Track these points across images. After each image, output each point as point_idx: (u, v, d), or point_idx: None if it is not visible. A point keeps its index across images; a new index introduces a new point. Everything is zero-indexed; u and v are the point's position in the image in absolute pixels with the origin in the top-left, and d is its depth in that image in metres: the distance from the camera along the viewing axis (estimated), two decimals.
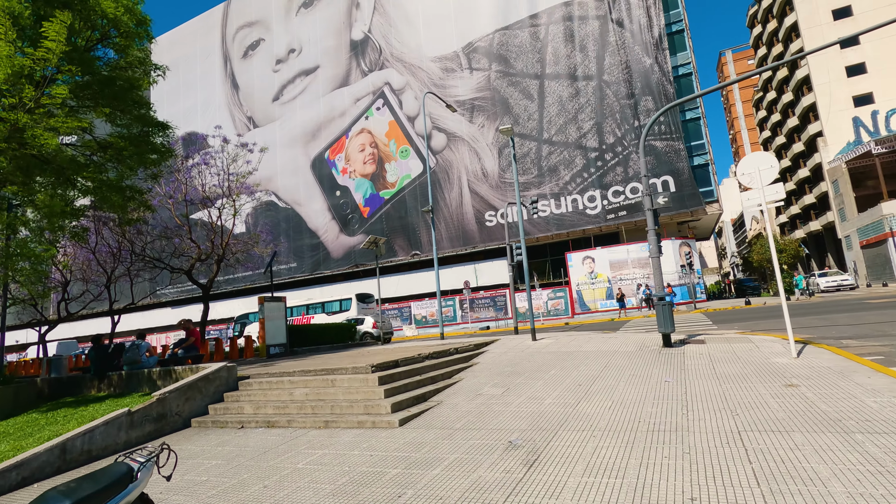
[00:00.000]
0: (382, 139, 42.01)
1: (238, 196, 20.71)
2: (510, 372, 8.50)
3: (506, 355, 10.23)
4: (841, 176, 39.11)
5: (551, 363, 8.91)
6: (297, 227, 44.47)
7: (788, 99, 50.06)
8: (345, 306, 33.44)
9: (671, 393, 5.95)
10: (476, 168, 38.17)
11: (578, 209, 34.76)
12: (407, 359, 8.54)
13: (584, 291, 33.56)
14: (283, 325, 16.18)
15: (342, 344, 18.98)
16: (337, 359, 10.19)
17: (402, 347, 12.81)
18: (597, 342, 10.84)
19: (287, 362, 10.75)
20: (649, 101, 33.52)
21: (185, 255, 22.49)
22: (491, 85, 38.42)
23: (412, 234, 39.73)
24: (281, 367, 9.31)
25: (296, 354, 16.01)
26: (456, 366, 9.25)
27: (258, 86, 49.14)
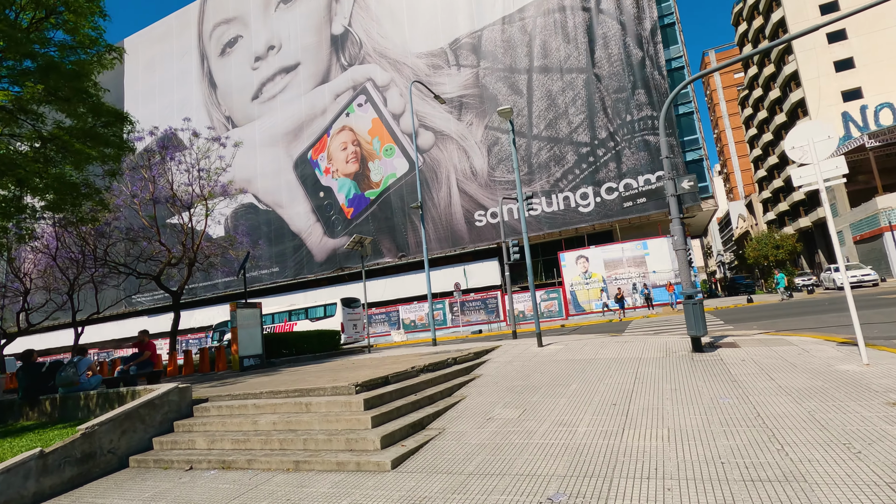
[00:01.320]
0: (365, 137, 40.51)
1: (210, 195, 19.07)
2: (522, 387, 7.14)
3: (512, 365, 8.88)
4: None
5: (569, 375, 7.58)
6: (278, 231, 42.69)
7: (776, 95, 49.79)
8: (329, 312, 31.88)
9: (740, 416, 4.65)
10: (465, 166, 36.89)
11: (571, 207, 33.69)
12: (398, 374, 7.12)
13: (579, 292, 32.42)
14: (258, 333, 14.62)
15: (326, 353, 17.46)
16: (315, 374, 8.73)
17: (391, 358, 11.40)
18: (613, 347, 9.55)
19: (257, 378, 9.26)
20: (642, 94, 32.61)
21: (154, 259, 20.75)
22: (479, 81, 37.23)
23: (399, 236, 38.27)
24: (247, 385, 7.83)
25: (273, 366, 14.46)
26: (456, 379, 7.86)
27: (236, 84, 47.30)
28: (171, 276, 22.52)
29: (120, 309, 49.08)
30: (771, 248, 31.88)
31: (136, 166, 18.18)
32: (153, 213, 19.20)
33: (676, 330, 14.37)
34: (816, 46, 42.36)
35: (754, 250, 33.12)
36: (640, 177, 32.13)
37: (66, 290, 23.45)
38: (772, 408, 4.78)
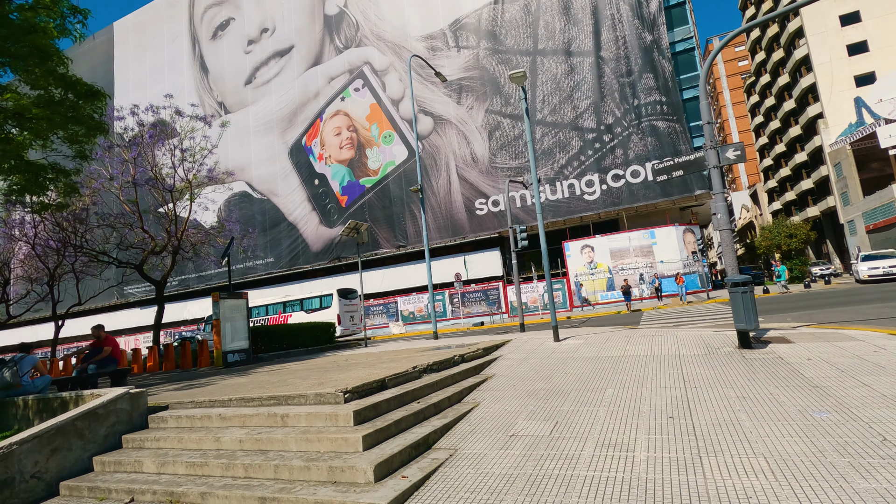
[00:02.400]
0: (363, 123, 39.08)
1: (195, 178, 17.75)
2: (547, 391, 5.95)
3: (528, 363, 7.69)
4: (844, 158, 37.46)
5: (598, 376, 6.39)
6: (273, 220, 41.37)
7: (784, 81, 48.42)
8: (325, 303, 30.73)
9: (857, 439, 3.47)
10: (465, 153, 35.55)
11: (576, 195, 32.44)
12: (397, 376, 5.92)
13: (584, 282, 31.27)
14: (244, 326, 13.40)
15: (319, 347, 16.28)
16: (301, 374, 7.52)
17: (389, 353, 10.21)
18: (641, 342, 8.36)
19: (234, 379, 8.04)
20: (650, 78, 31.24)
21: (136, 247, 19.47)
22: (480, 63, 35.77)
23: (397, 225, 37.00)
24: (217, 389, 6.61)
25: (260, 362, 13.26)
26: (465, 381, 6.67)
27: (229, 69, 45.67)
28: (156, 266, 21.24)
29: (111, 300, 47.93)
30: (784, 236, 30.75)
31: (113, 145, 16.83)
32: (135, 197, 17.91)
33: (697, 322, 13.20)
34: (829, 29, 40.94)
35: (766, 239, 31.97)
36: (647, 163, 30.85)
37: (46, 279, 22.22)
38: (893, 424, 3.60)
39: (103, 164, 18.36)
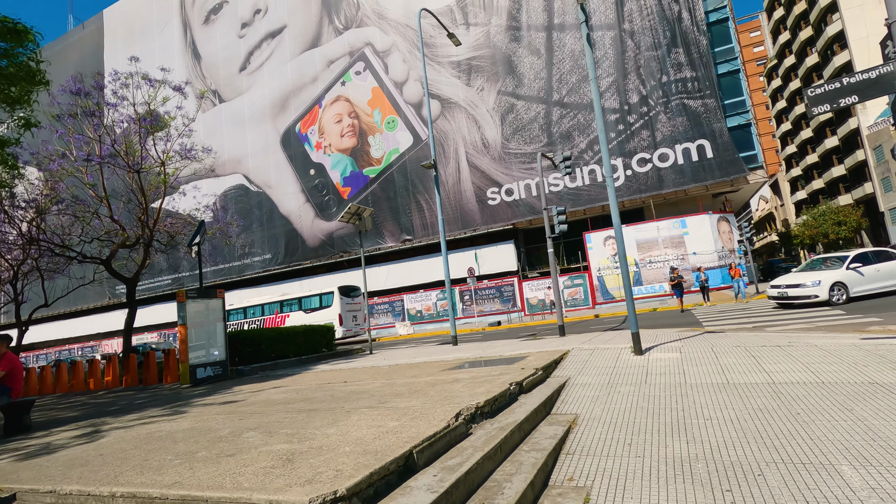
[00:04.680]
0: (364, 108, 36.36)
1: (168, 157, 15.09)
2: (697, 460, 3.27)
3: (619, 393, 4.99)
4: (887, 141, 34.56)
5: (773, 426, 3.68)
6: (269, 214, 38.75)
7: (813, 62, 45.43)
8: (326, 302, 28.17)
9: None
10: (475, 138, 32.80)
11: (597, 181, 29.67)
12: (432, 439, 3.23)
13: (607, 277, 28.53)
14: (219, 332, 10.75)
15: (315, 355, 13.63)
16: (272, 416, 4.83)
17: (402, 369, 7.56)
18: (777, 359, 5.67)
19: (169, 424, 5.37)
20: (679, 53, 28.40)
21: (104, 239, 16.83)
22: (491, 41, 32.97)
23: (403, 218, 34.31)
24: (115, 456, 3.94)
25: (239, 377, 10.61)
26: (537, 435, 3.99)
27: (223, 55, 42.97)
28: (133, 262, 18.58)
29: (104, 300, 45.52)
30: (831, 224, 27.91)
31: (64, 114, 14.18)
32: (99, 181, 15.27)
33: (782, 323, 10.46)
34: (866, 2, 37.96)
35: (809, 228, 29.14)
36: (677, 146, 28.08)
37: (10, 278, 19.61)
38: None
39: (64, 144, 15.75)
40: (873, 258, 13.10)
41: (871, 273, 12.87)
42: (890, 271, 12.87)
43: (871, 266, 12.95)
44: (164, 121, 14.33)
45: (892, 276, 12.83)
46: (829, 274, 13.01)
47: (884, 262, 13.05)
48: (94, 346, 44.09)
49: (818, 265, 14.05)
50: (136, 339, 42.06)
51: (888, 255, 13.18)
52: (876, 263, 13.02)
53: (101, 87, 13.91)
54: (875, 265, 12.96)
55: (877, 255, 13.29)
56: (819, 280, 12.84)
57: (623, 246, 7.57)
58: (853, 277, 12.84)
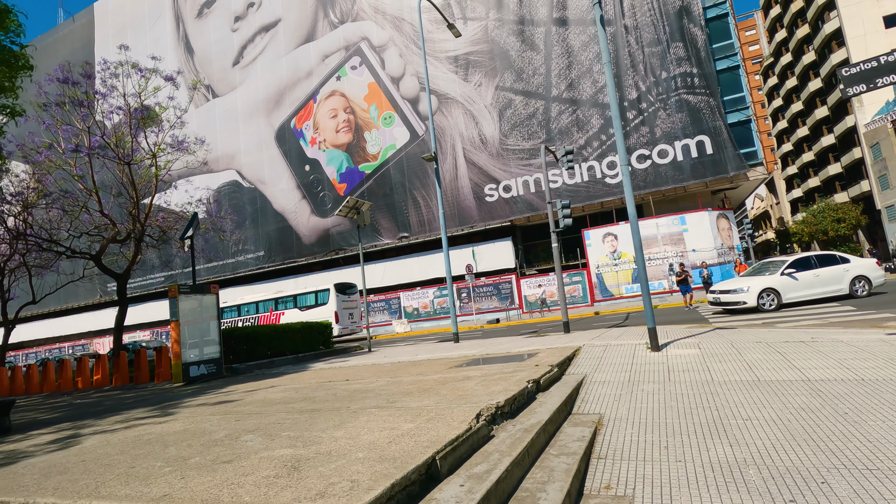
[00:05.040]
0: (360, 104, 35.90)
1: (160, 149, 14.63)
2: (746, 466, 2.94)
3: (643, 391, 4.67)
4: (885, 138, 34.54)
5: (819, 428, 3.39)
6: (263, 210, 38.21)
7: (810, 60, 45.40)
8: (322, 299, 27.71)
9: None
10: (473, 134, 32.45)
11: (596, 178, 29.43)
12: (455, 443, 2.88)
13: (606, 275, 28.31)
14: (213, 330, 10.35)
15: (312, 353, 13.25)
16: (271, 417, 4.47)
17: (406, 367, 7.21)
18: (804, 354, 5.38)
19: (158, 427, 5.00)
20: (679, 48, 28.19)
21: (93, 234, 16.35)
22: (489, 36, 32.62)
23: (399, 214, 33.92)
24: (98, 463, 3.57)
25: (235, 376, 10.22)
26: (562, 437, 3.67)
27: (216, 49, 42.32)
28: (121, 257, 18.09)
29: (95, 298, 44.81)
30: (830, 221, 27.80)
31: (51, 103, 13.68)
32: (88, 173, 14.78)
33: (792, 319, 10.19)
34: (863, 1, 37.93)
35: (809, 225, 29.03)
36: (677, 142, 27.89)
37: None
38: None
39: (52, 135, 15.24)
40: (816, 263, 12.81)
41: (807, 279, 12.54)
42: (831, 277, 12.52)
43: (809, 271, 12.61)
44: (155, 112, 13.86)
45: (833, 282, 12.51)
46: (760, 280, 12.84)
47: (826, 267, 12.69)
48: (85, 345, 43.41)
49: (764, 269, 13.73)
50: (128, 337, 41.41)
51: (832, 260, 12.81)
52: (817, 268, 12.67)
53: (90, 75, 13.41)
54: (814, 270, 12.60)
55: (820, 260, 12.90)
56: (748, 287, 12.66)
57: (639, 237, 7.23)
58: (787, 283, 12.56)
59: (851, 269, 12.51)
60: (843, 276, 12.45)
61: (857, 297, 12.37)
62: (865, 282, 12.41)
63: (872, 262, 12.82)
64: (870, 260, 12.96)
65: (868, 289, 12.42)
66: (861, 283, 12.42)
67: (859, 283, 12.42)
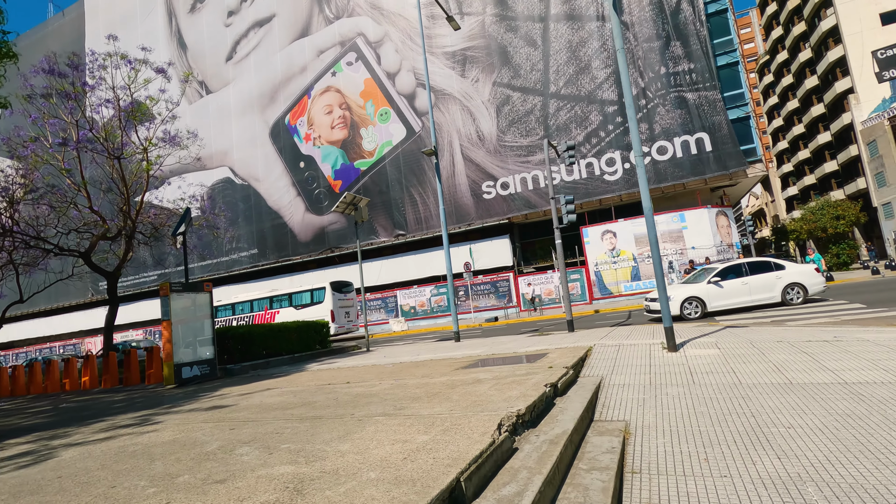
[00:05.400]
0: (356, 100, 35.45)
1: (151, 143, 14.19)
2: (806, 482, 2.65)
3: (668, 395, 4.36)
4: (881, 136, 34.50)
5: (881, 440, 3.06)
6: (258, 208, 37.70)
7: (806, 57, 45.36)
8: (317, 297, 27.31)
9: None
10: (470, 131, 32.10)
11: (595, 175, 29.16)
12: (478, 460, 2.55)
13: (605, 272, 28.09)
14: (206, 329, 9.97)
15: (309, 353, 12.88)
16: (268, 425, 4.11)
17: (409, 368, 6.87)
18: (840, 354, 5.09)
19: (134, 437, 4.64)
20: (678, 45, 27.95)
21: (82, 231, 15.88)
22: (486, 31, 32.25)
23: (396, 212, 33.53)
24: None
25: (229, 377, 9.85)
26: (589, 448, 3.35)
27: (209, 44, 41.70)
28: (111, 255, 17.61)
29: (86, 297, 44.13)
30: (829, 218, 27.68)
31: (36, 95, 13.21)
32: (77, 167, 14.31)
33: (796, 318, 9.94)
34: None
35: (807, 222, 28.91)
36: (676, 138, 27.66)
37: None
38: None
39: (38, 129, 14.76)
40: (747, 270, 12.59)
41: (734, 287, 12.32)
42: (761, 285, 12.28)
43: (737, 279, 12.38)
44: (145, 105, 13.41)
45: (763, 290, 12.28)
46: (685, 289, 12.79)
47: (757, 274, 12.45)
48: (77, 344, 42.76)
49: (701, 276, 13.49)
50: (121, 336, 40.77)
51: (766, 267, 12.51)
52: (747, 276, 12.42)
53: (76, 66, 12.93)
54: (744, 278, 12.34)
55: (752, 267, 12.65)
56: (672, 295, 12.54)
57: (654, 231, 6.93)
58: (711, 291, 12.43)
59: (785, 276, 12.20)
60: (774, 283, 12.20)
61: (791, 304, 12.04)
62: (800, 289, 12.04)
63: (810, 269, 12.39)
64: (807, 266, 12.52)
65: (803, 296, 12.02)
66: (795, 291, 12.06)
67: (793, 290, 12.08)
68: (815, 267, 12.36)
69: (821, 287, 12.17)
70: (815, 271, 12.30)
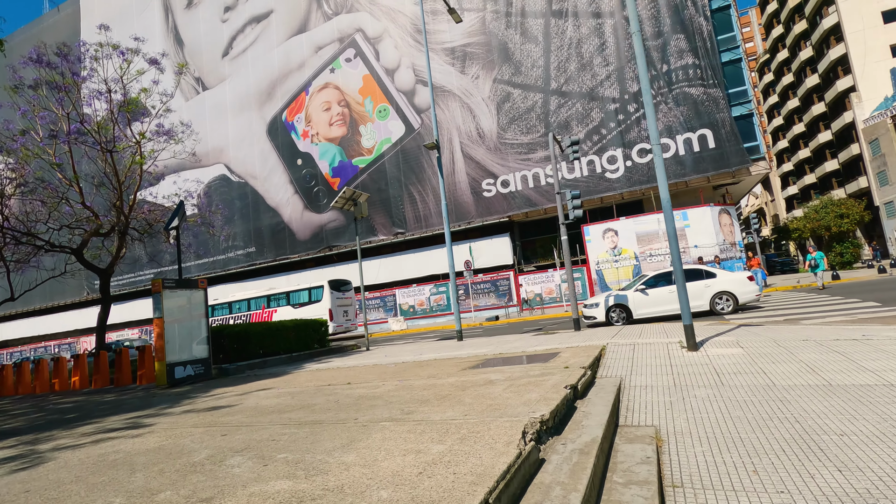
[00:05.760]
0: (355, 97, 35.06)
1: (143, 136, 13.79)
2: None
3: (696, 398, 4.00)
4: (884, 134, 34.29)
5: None
6: (255, 206, 37.27)
7: (807, 56, 45.13)
8: (315, 296, 26.96)
9: None
10: (470, 128, 31.75)
11: (596, 172, 28.85)
12: (507, 477, 2.20)
13: (606, 271, 27.74)
14: (201, 328, 9.59)
15: (307, 352, 12.51)
16: (263, 430, 3.76)
17: (413, 369, 6.52)
18: (875, 353, 4.77)
19: (134, 441, 4.28)
20: (681, 40, 27.64)
21: (74, 227, 15.48)
22: (486, 28, 31.90)
23: (395, 210, 33.15)
24: None
25: (224, 376, 9.48)
26: (621, 458, 3.01)
27: (206, 40, 41.25)
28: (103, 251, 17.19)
29: (82, 295, 43.63)
30: (834, 216, 27.41)
31: (23, 85, 12.79)
32: (68, 162, 13.90)
33: (810, 316, 9.61)
34: None
35: (812, 221, 28.61)
36: (678, 136, 27.37)
37: None
38: None
39: (28, 122, 14.35)
40: (696, 274, 12.44)
41: (660, 295, 12.13)
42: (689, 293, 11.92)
43: (664, 287, 12.17)
44: (137, 97, 13.01)
45: (690, 298, 11.51)
46: (611, 297, 13.00)
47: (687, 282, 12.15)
48: (72, 343, 42.30)
49: (634, 283, 13.45)
50: (116, 335, 40.31)
51: (696, 275, 12.32)
52: (702, 280, 12.18)
53: (65, 55, 12.51)
54: (671, 286, 12.02)
55: (686, 275, 12.30)
56: (597, 303, 12.99)
57: (673, 226, 6.58)
58: (637, 299, 12.51)
59: (714, 284, 11.95)
60: (703, 291, 11.96)
61: (720, 313, 11.80)
62: (729, 297, 11.79)
63: (742, 277, 12.05)
64: (740, 274, 12.19)
65: (733, 305, 11.75)
66: (724, 299, 11.83)
67: (722, 298, 11.85)
68: (748, 276, 11.99)
69: (752, 296, 11.81)
70: (748, 280, 11.90)
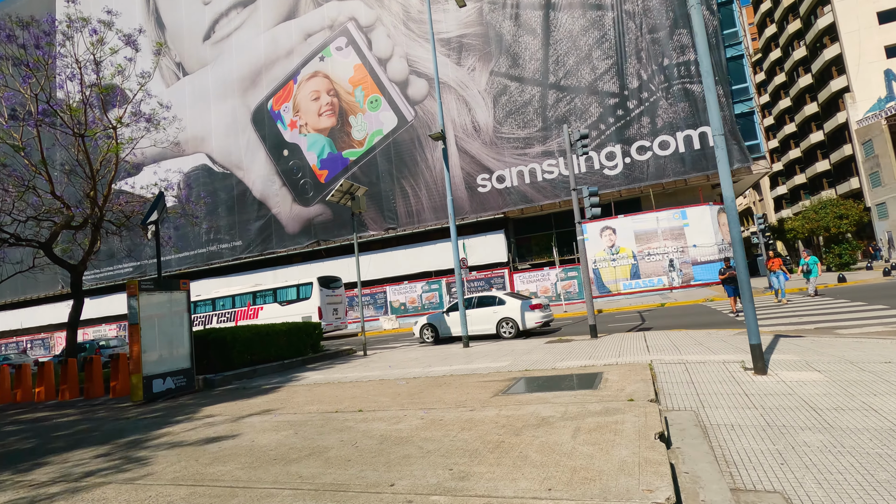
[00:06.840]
0: (345, 86, 33.81)
1: (119, 121, 12.57)
2: None
3: (818, 449, 3.21)
4: (878, 135, 34.25)
5: None
6: (240, 198, 35.84)
7: (800, 55, 45.06)
8: (304, 293, 25.88)
9: None
10: (465, 121, 30.79)
11: (594, 169, 28.16)
12: None
13: (604, 270, 27.17)
14: (182, 334, 8.55)
15: (301, 358, 11.52)
16: (263, 485, 2.83)
17: (429, 386, 5.62)
18: None
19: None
20: (683, 34, 27.02)
21: (42, 219, 14.19)
22: (483, 18, 30.89)
23: (386, 205, 32.09)
24: None
25: (210, 389, 8.47)
26: None
27: (187, 23, 39.45)
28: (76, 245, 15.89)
29: (56, 289, 41.72)
30: (833, 217, 27.17)
31: None
32: (35, 146, 12.64)
33: (844, 324, 8.92)
34: None
35: (810, 221, 28.37)
36: (678, 133, 26.79)
37: None
38: None
39: None
40: (475, 303, 13.69)
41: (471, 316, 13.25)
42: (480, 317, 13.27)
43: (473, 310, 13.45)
44: (111, 75, 11.80)
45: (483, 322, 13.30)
46: (424, 318, 14.60)
47: (480, 308, 13.55)
48: (45, 339, 40.53)
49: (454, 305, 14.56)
50: (93, 330, 38.63)
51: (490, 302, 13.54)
52: (475, 308, 13.53)
53: (26, 25, 11.22)
54: (471, 310, 13.39)
55: (480, 301, 13.73)
56: (416, 321, 14.64)
57: (737, 227, 5.75)
58: (441, 321, 13.96)
59: (500, 311, 13.16)
60: (491, 317, 13.28)
61: (504, 338, 12.85)
62: (512, 323, 12.92)
63: (525, 306, 12.98)
64: (524, 304, 13.05)
65: (516, 330, 12.82)
66: (508, 325, 12.98)
67: (507, 324, 13.00)
68: (532, 304, 12.96)
69: (532, 324, 12.72)
70: (532, 308, 12.83)
